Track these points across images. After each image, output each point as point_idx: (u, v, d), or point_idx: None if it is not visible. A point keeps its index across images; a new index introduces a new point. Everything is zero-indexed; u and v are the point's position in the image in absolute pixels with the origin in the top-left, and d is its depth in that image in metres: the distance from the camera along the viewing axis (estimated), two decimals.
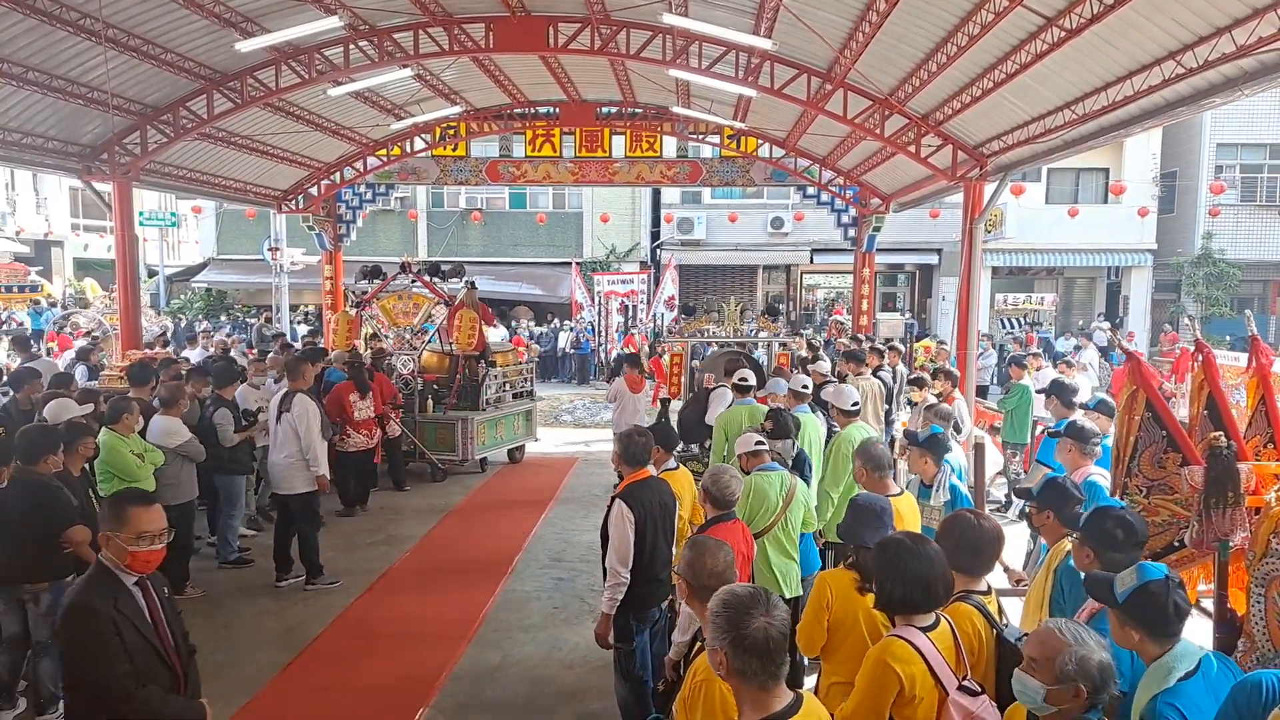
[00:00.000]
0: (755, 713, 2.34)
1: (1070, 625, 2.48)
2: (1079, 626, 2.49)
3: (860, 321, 17.63)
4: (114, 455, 6.21)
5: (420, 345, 12.37)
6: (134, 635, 3.18)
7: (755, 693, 2.34)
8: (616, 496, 4.60)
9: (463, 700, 5.66)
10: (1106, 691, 2.40)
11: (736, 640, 2.30)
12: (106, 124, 11.41)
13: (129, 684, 3.12)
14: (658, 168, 16.87)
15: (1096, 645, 2.44)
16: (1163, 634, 2.61)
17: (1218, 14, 6.14)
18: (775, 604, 2.36)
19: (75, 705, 3.31)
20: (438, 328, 12.41)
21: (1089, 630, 2.48)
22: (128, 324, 12.46)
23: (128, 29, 9.70)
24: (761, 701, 2.34)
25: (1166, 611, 2.59)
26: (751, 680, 2.32)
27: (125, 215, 12.20)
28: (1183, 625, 2.64)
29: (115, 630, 3.12)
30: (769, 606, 2.34)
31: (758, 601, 2.35)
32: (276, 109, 13.11)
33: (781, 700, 2.35)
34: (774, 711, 2.33)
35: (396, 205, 25.70)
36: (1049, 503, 3.82)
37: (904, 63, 10.05)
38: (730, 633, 2.31)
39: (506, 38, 11.09)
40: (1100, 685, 2.38)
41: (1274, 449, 3.56)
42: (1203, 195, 24.18)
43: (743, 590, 2.42)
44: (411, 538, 9.11)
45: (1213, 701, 2.52)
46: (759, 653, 2.29)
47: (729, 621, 2.33)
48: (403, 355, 12.14)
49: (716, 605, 2.40)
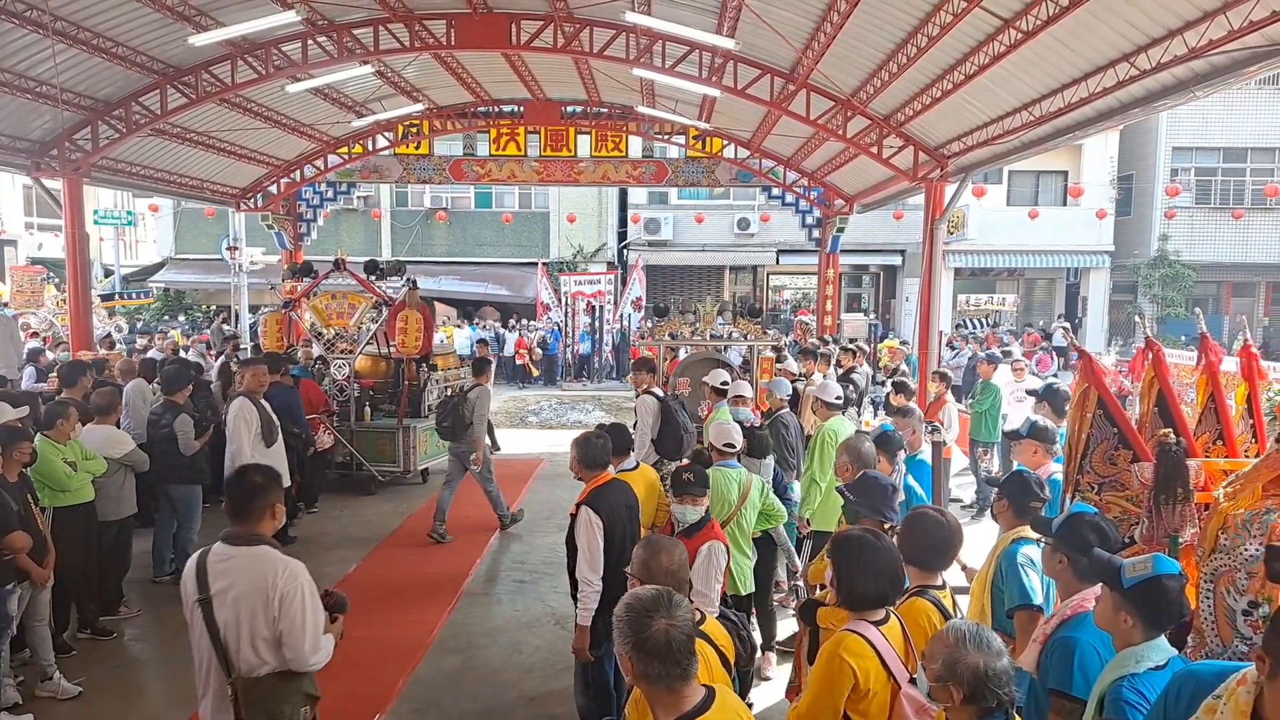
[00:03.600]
0: (667, 715, 2.31)
1: (962, 628, 2.45)
2: (975, 631, 2.44)
3: (825, 322, 17.72)
4: (43, 463, 5.88)
5: (344, 349, 11.36)
6: None
7: (664, 695, 2.31)
8: (581, 503, 4.46)
9: (421, 705, 5.57)
10: (991, 698, 2.35)
11: (638, 644, 2.27)
12: (56, 119, 11.12)
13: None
14: (623, 168, 16.84)
15: (979, 651, 2.39)
16: (1157, 626, 2.63)
17: (1170, 16, 6.24)
18: (678, 604, 2.33)
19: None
20: (376, 329, 11.68)
21: (985, 637, 2.43)
22: (78, 325, 12.15)
23: (77, 21, 9.46)
24: (672, 703, 2.31)
25: (1172, 607, 2.61)
26: (658, 683, 2.29)
27: (75, 213, 11.90)
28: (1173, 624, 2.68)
29: None
30: (671, 607, 2.31)
31: (659, 604, 2.31)
32: (233, 105, 12.87)
33: (692, 699, 2.32)
34: (685, 711, 2.30)
35: (360, 204, 25.39)
36: (1006, 492, 3.89)
37: (865, 64, 10.11)
38: (632, 637, 2.28)
39: (468, 34, 10.99)
40: (975, 690, 2.34)
41: (1223, 446, 3.59)
42: (1159, 198, 24.68)
43: (645, 593, 2.39)
44: (371, 540, 8.98)
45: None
46: (661, 655, 2.25)
47: (630, 626, 2.30)
48: (336, 359, 11.19)
49: (620, 610, 2.36)
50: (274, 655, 3.16)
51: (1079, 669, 2.98)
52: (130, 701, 5.64)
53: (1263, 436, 3.61)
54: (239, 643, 3.14)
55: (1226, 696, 2.08)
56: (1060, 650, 3.06)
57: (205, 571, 3.18)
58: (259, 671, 3.16)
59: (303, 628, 3.14)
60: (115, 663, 6.17)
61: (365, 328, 11.64)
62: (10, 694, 5.29)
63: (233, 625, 3.13)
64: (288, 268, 12.42)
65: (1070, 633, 3.07)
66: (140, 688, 5.87)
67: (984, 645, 2.38)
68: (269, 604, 3.11)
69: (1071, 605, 3.18)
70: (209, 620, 3.15)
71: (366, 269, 11.87)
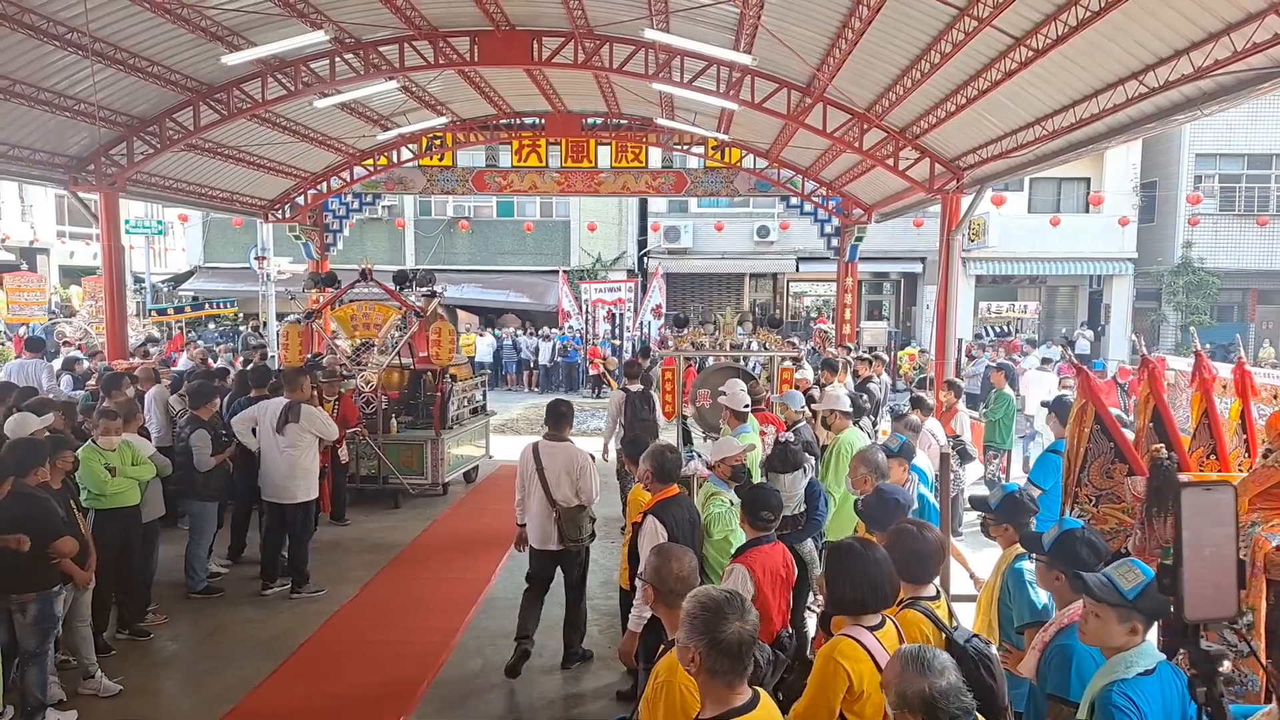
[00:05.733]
0: (716, 708, 2.50)
1: (906, 654, 2.49)
2: (917, 654, 2.47)
3: (844, 330, 17.82)
4: (84, 469, 6.14)
5: (368, 360, 11.27)
6: None
7: (721, 690, 2.50)
8: (648, 513, 4.67)
9: (444, 706, 5.77)
10: (944, 716, 2.39)
11: (712, 642, 2.45)
12: (93, 136, 11.49)
13: None
14: (643, 178, 17.05)
15: (923, 674, 2.41)
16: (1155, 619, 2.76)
17: (1176, 37, 6.36)
18: (748, 609, 2.53)
19: None
20: (403, 340, 11.42)
21: (927, 658, 2.45)
22: (114, 334, 12.52)
23: (115, 42, 9.81)
24: (724, 698, 2.50)
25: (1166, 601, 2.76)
26: (720, 678, 2.48)
27: (111, 225, 12.30)
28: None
29: None
30: (743, 611, 2.50)
31: (733, 606, 2.50)
32: (263, 120, 13.21)
33: (742, 697, 2.51)
34: (734, 706, 2.49)
35: (384, 214, 25.78)
36: (1007, 516, 4.03)
37: (881, 78, 10.26)
38: (707, 634, 2.46)
39: (491, 51, 11.25)
40: (927, 712, 2.39)
41: (1216, 460, 3.72)
42: (1182, 205, 24.53)
43: (718, 594, 2.57)
44: (396, 545, 9.20)
45: (1160, 702, 2.67)
46: (731, 654, 2.45)
47: (706, 624, 2.48)
48: (364, 371, 11.08)
49: (694, 607, 2.53)
50: (576, 496, 5.92)
51: (1076, 675, 3.11)
52: (168, 699, 5.89)
53: (1254, 451, 3.73)
54: (559, 489, 5.88)
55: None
56: (1058, 657, 3.21)
57: (539, 453, 5.95)
58: (569, 505, 5.90)
59: (591, 483, 5.97)
60: (152, 662, 6.42)
61: (391, 337, 11.53)
62: (55, 691, 5.54)
63: (554, 480, 5.89)
64: (310, 277, 12.34)
65: (1068, 640, 3.20)
66: (177, 686, 6.11)
67: (926, 668, 2.41)
68: (573, 470, 5.92)
69: (1069, 614, 3.32)
70: (543, 479, 5.87)
71: (396, 279, 11.67)
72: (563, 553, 6.03)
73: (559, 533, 5.92)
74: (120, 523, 6.35)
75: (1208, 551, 1.35)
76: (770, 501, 4.27)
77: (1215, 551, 1.35)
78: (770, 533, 4.28)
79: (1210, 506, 1.36)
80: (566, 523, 5.89)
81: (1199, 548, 1.35)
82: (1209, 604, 1.39)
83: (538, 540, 6.04)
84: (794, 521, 5.72)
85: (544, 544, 6.01)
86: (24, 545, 4.75)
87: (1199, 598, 1.37)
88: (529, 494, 5.97)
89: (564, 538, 5.93)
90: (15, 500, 4.72)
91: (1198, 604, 1.38)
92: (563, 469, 5.90)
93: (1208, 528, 1.35)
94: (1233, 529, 1.37)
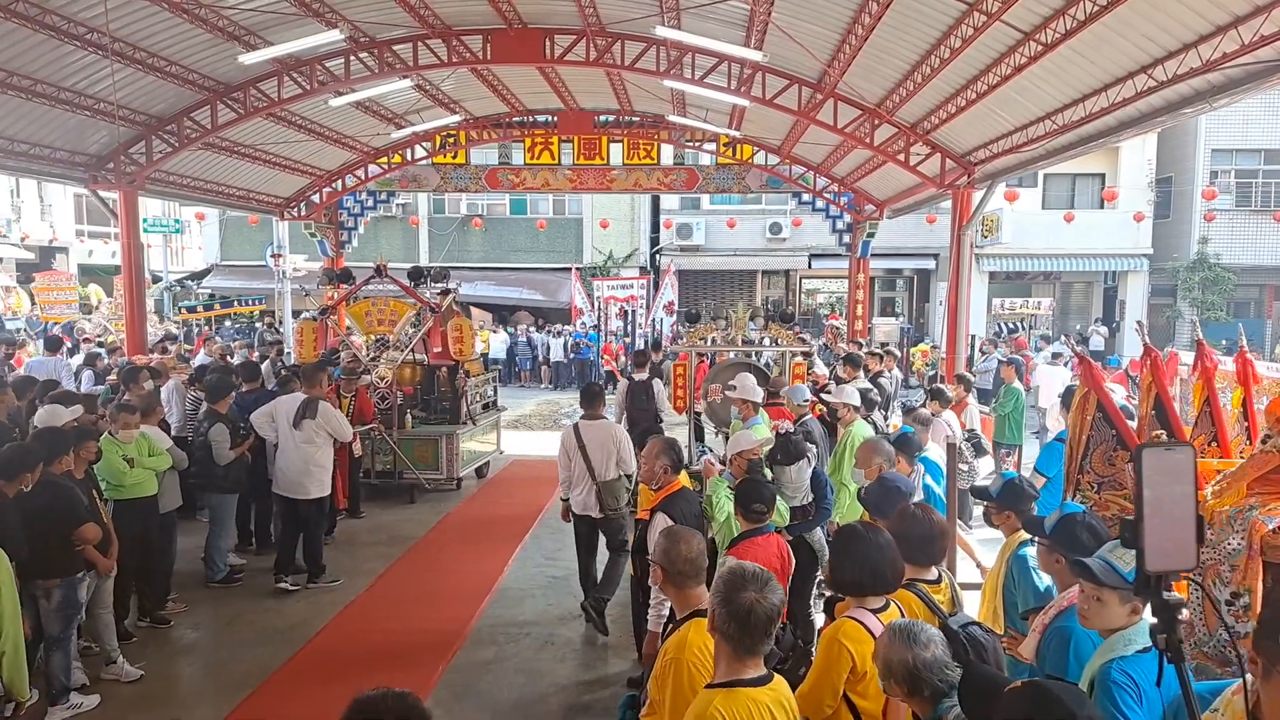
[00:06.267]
0: (728, 673, 2.61)
1: (893, 627, 2.62)
2: (905, 627, 2.60)
3: (855, 326, 17.84)
4: (103, 460, 6.26)
5: (381, 356, 11.23)
6: None
7: (730, 656, 2.61)
8: (655, 509, 4.77)
9: (458, 692, 5.87)
10: (926, 687, 2.51)
11: (725, 602, 2.60)
12: (113, 134, 11.67)
13: None
14: (655, 175, 17.12)
15: (907, 646, 2.54)
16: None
17: (1184, 31, 6.38)
18: (773, 589, 2.65)
19: None
20: (418, 336, 11.42)
21: (913, 632, 2.58)
22: (134, 330, 12.70)
23: (134, 42, 9.96)
24: (735, 668, 2.61)
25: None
26: (729, 642, 2.60)
27: (131, 223, 12.47)
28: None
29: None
30: (763, 587, 2.62)
31: (756, 580, 2.64)
32: (279, 118, 13.36)
33: (753, 671, 2.61)
34: (742, 678, 2.59)
35: (398, 212, 25.95)
36: (1009, 504, 4.09)
37: (891, 74, 10.29)
38: (724, 595, 2.62)
39: (504, 49, 11.35)
40: (911, 683, 2.51)
41: (1217, 447, 3.76)
42: (1198, 200, 24.38)
43: (749, 567, 2.74)
44: (410, 538, 9.32)
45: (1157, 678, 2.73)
46: (740, 621, 2.56)
47: (727, 587, 2.63)
48: (377, 367, 11.01)
49: (723, 572, 2.72)
50: (615, 469, 6.54)
51: (1074, 656, 3.17)
52: (187, 684, 6.03)
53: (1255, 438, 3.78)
54: (599, 462, 6.51)
55: (1223, 708, 2.25)
56: (1057, 639, 3.27)
57: (580, 432, 6.62)
58: (608, 476, 6.52)
59: (628, 454, 6.59)
60: (172, 650, 6.56)
61: (406, 333, 11.57)
62: (78, 675, 5.68)
63: (595, 454, 6.50)
64: (324, 273, 12.31)
65: (1067, 622, 3.26)
66: (196, 672, 6.25)
67: (911, 640, 2.54)
68: (611, 444, 6.58)
69: (1068, 597, 3.38)
70: (585, 454, 6.49)
71: (410, 275, 11.73)
72: (603, 519, 6.64)
73: (599, 502, 6.54)
74: (139, 512, 6.49)
75: (1167, 508, 1.42)
76: (763, 494, 4.34)
77: (1174, 508, 1.42)
78: (765, 524, 4.33)
79: (1170, 466, 1.43)
80: (605, 493, 6.53)
81: (1159, 504, 1.42)
82: (1169, 556, 1.46)
83: (580, 508, 6.66)
84: (804, 512, 5.79)
85: (585, 511, 6.64)
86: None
87: (1159, 550, 1.44)
88: (572, 469, 6.61)
89: (603, 506, 6.56)
90: (43, 488, 4.86)
91: (1157, 556, 1.45)
92: (602, 443, 6.56)
93: (1167, 485, 1.42)
94: (1191, 487, 1.44)
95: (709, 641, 3.02)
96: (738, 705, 2.52)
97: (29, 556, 4.75)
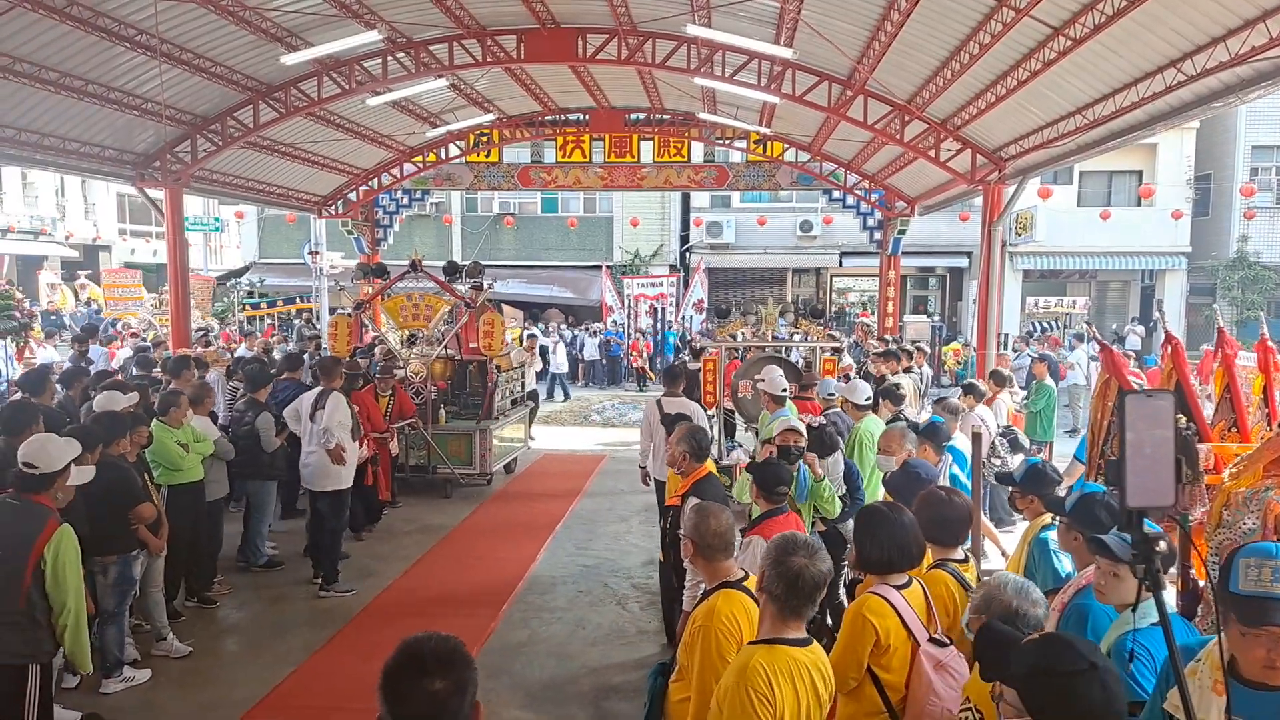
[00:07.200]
0: (771, 632, 2.76)
1: (1011, 577, 2.85)
2: (1023, 583, 2.85)
3: (886, 324, 17.83)
4: (159, 446, 6.51)
5: (413, 351, 11.30)
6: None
7: (775, 616, 2.76)
8: (686, 494, 4.89)
9: (491, 671, 6.04)
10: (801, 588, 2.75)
11: (777, 564, 2.75)
12: (159, 134, 12.03)
13: None
14: (685, 172, 17.25)
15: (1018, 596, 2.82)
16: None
17: (1212, 24, 6.39)
18: (822, 557, 2.80)
19: None
20: (453, 331, 11.51)
21: (1029, 588, 2.83)
22: (178, 323, 13.08)
23: (181, 44, 10.29)
24: (777, 627, 2.75)
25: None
26: (775, 603, 2.74)
27: (176, 220, 12.85)
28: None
29: None
30: (813, 554, 2.78)
31: (807, 546, 2.80)
32: (318, 118, 13.68)
33: (796, 633, 2.76)
34: (784, 637, 2.73)
35: (432, 211, 26.30)
36: (1032, 488, 4.18)
37: (921, 70, 10.33)
38: (775, 557, 2.77)
39: (537, 48, 11.55)
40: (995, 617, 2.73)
41: (1237, 433, 3.83)
42: (1237, 198, 24.00)
43: (801, 536, 2.90)
44: (444, 528, 9.53)
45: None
46: (788, 582, 2.71)
47: (779, 551, 2.78)
48: (413, 361, 11.08)
49: (776, 539, 2.89)
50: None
51: (1091, 631, 3.27)
52: (234, 661, 6.26)
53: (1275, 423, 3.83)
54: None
55: (1205, 658, 2.37)
56: (1075, 615, 3.36)
57: (662, 406, 7.38)
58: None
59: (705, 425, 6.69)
60: (219, 628, 6.82)
61: (439, 329, 11.62)
62: (130, 651, 5.94)
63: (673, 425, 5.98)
64: (359, 268, 12.39)
65: (1084, 600, 3.36)
66: (242, 649, 6.49)
67: (1024, 593, 2.81)
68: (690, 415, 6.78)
69: (1086, 576, 3.47)
70: (666, 424, 6.68)
71: (445, 271, 11.76)
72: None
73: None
74: (189, 496, 6.75)
75: (1148, 450, 1.53)
76: (783, 475, 4.50)
77: (1154, 450, 1.53)
78: (784, 505, 4.49)
79: (1151, 411, 1.54)
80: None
81: (1140, 446, 1.53)
82: (1148, 494, 1.57)
83: (659, 474, 7.16)
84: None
85: (663, 478, 6.90)
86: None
87: (1139, 489, 1.56)
88: (654, 439, 7.29)
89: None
90: (103, 468, 5.08)
91: (1137, 494, 1.56)
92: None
93: (1148, 430, 1.53)
94: (1170, 432, 1.55)
95: (737, 611, 3.16)
96: (778, 661, 2.65)
97: (91, 534, 4.99)
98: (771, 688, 2.60)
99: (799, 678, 2.67)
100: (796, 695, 2.65)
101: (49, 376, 7.83)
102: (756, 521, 4.48)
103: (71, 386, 8.44)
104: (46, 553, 4.06)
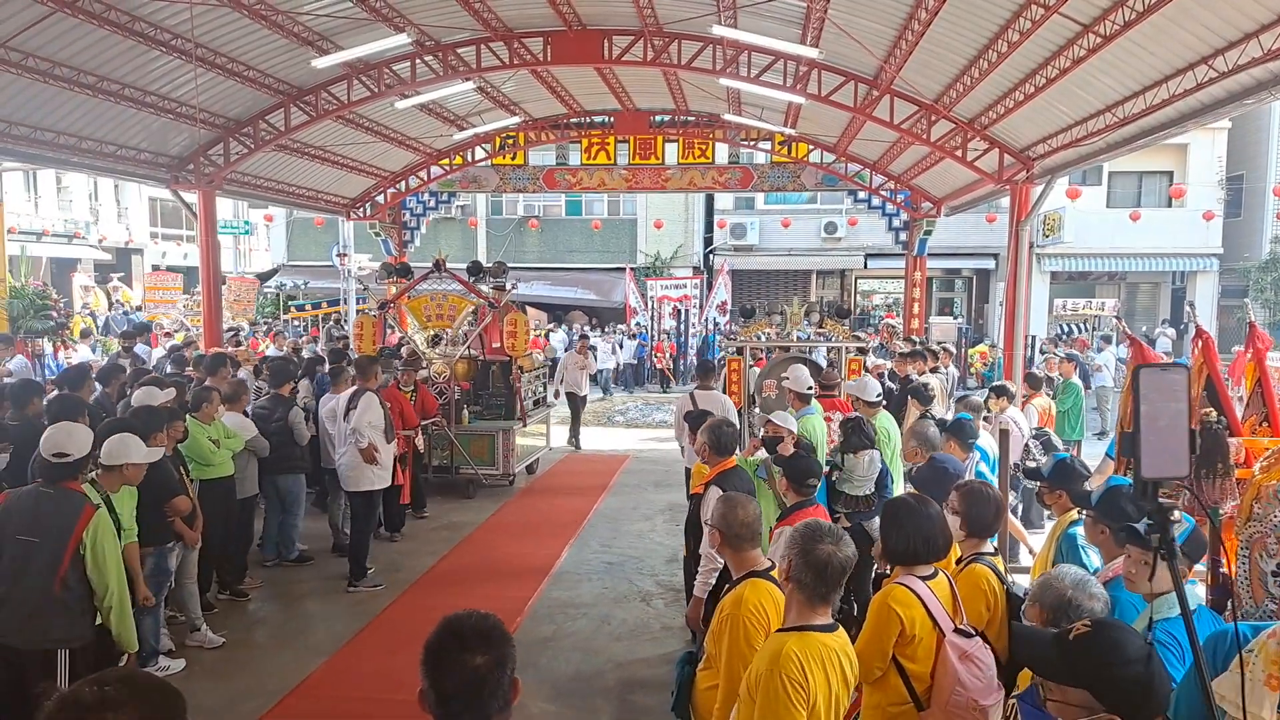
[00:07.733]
0: (799, 619, 2.80)
1: (1073, 569, 2.92)
2: (1082, 576, 2.91)
3: (911, 325, 17.74)
4: (192, 441, 6.60)
5: (436, 351, 11.34)
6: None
7: (803, 604, 2.79)
8: (709, 483, 4.95)
9: (519, 665, 5.99)
10: (1064, 620, 2.71)
11: (804, 552, 2.78)
12: (193, 137, 12.25)
13: None
14: (709, 174, 17.27)
15: (1075, 588, 2.82)
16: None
17: (1244, 19, 6.33)
18: (846, 543, 2.85)
19: None
20: (477, 332, 11.52)
21: (1089, 581, 2.88)
22: (211, 324, 13.29)
23: (215, 48, 10.46)
24: (805, 614, 2.79)
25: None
26: (803, 590, 2.78)
27: (209, 222, 13.06)
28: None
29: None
30: (838, 540, 2.83)
31: (833, 534, 2.84)
32: (347, 121, 13.85)
33: (823, 619, 2.79)
34: (813, 624, 2.77)
35: (458, 213, 26.51)
36: (1060, 483, 4.19)
37: (948, 69, 10.29)
38: (800, 546, 2.80)
39: (564, 51, 11.64)
40: (1056, 614, 2.74)
41: (1268, 427, 3.80)
42: (1270, 198, 23.65)
43: (825, 523, 2.95)
44: (469, 525, 9.61)
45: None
46: (817, 568, 2.75)
47: (805, 539, 2.82)
48: (436, 360, 11.15)
49: (800, 527, 2.92)
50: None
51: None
52: (266, 652, 6.37)
53: None
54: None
55: (1258, 649, 2.33)
56: None
57: (696, 399, 8.04)
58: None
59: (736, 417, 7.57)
60: (250, 620, 6.94)
61: (463, 330, 11.63)
62: (165, 641, 6.06)
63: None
64: (383, 267, 12.51)
65: (1114, 591, 3.36)
66: (273, 641, 6.60)
67: (1082, 585, 2.85)
68: (720, 411, 7.32)
69: (1113, 568, 3.48)
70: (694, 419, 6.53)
71: (470, 270, 11.73)
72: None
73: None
74: (222, 490, 6.88)
75: (1163, 422, 1.55)
76: (813, 469, 4.58)
77: (1169, 422, 1.56)
78: (812, 497, 4.55)
79: (1165, 384, 1.57)
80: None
81: (1155, 418, 1.55)
82: (1163, 465, 1.60)
83: (690, 462, 7.22)
84: (866, 502, 5.92)
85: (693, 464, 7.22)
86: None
87: (1154, 460, 1.58)
88: (686, 431, 7.38)
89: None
90: None
91: (1153, 464, 1.59)
92: (714, 409, 7.42)
93: (1162, 402, 1.56)
94: (1184, 404, 1.58)
95: (764, 600, 3.20)
96: (810, 646, 2.69)
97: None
98: (805, 674, 2.63)
99: (830, 664, 2.70)
100: (828, 681, 2.68)
101: (88, 374, 8.00)
102: (786, 513, 4.53)
103: (109, 383, 8.61)
104: (85, 537, 4.15)
